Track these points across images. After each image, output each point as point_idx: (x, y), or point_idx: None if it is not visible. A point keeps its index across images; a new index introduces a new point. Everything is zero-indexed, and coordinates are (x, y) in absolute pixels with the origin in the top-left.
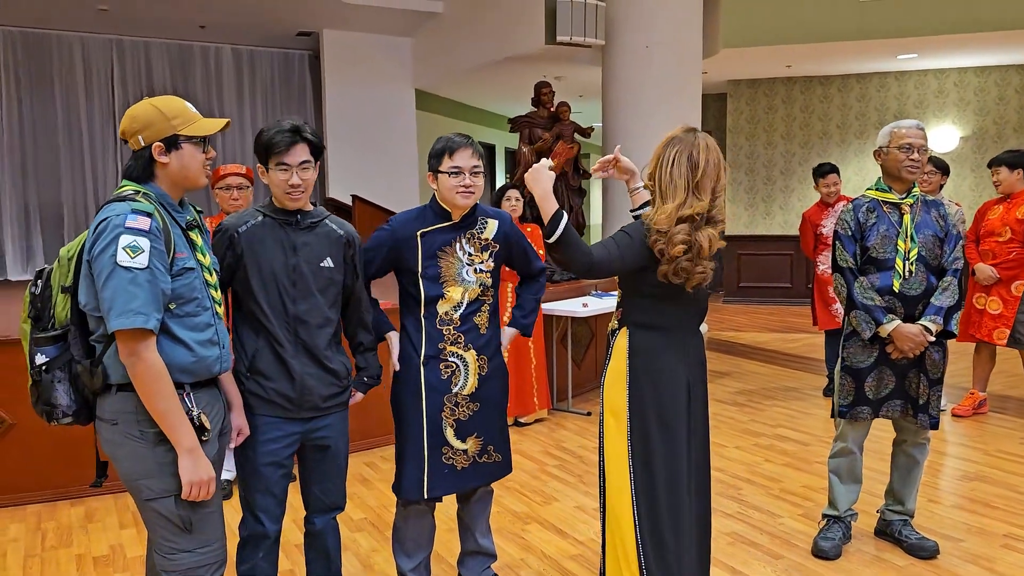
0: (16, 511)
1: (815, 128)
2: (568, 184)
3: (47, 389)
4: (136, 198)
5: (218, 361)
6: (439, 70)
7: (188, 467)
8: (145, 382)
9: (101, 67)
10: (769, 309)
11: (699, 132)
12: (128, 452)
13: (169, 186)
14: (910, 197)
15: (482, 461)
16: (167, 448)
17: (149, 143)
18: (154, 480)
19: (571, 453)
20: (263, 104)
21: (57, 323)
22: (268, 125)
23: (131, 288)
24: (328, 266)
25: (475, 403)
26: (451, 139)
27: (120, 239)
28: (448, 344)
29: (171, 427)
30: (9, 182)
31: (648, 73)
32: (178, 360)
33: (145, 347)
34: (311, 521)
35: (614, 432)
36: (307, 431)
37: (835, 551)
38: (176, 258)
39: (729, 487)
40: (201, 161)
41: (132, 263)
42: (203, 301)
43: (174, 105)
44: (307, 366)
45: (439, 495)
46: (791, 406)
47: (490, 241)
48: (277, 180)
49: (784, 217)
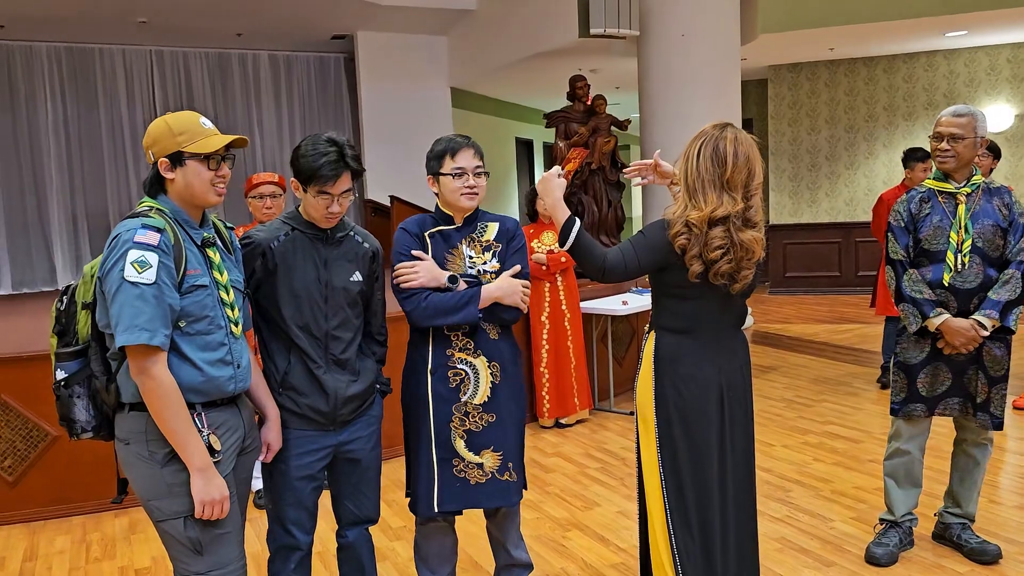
0: (63, 523)
1: (860, 111)
2: (606, 178)
3: (66, 404)
4: (149, 214)
5: (232, 381)
6: (474, 67)
7: (200, 486)
8: (155, 399)
9: (142, 78)
10: (817, 299)
11: (730, 126)
12: (140, 472)
13: (179, 202)
14: (968, 186)
15: (503, 479)
16: (176, 469)
17: (157, 159)
18: (164, 501)
19: (613, 455)
20: (300, 108)
21: (80, 339)
22: (307, 143)
23: (137, 303)
24: (357, 280)
25: (490, 414)
26: (452, 139)
27: (128, 254)
28: (457, 351)
29: (182, 446)
30: (57, 192)
31: (685, 62)
32: (186, 380)
33: (153, 363)
34: (343, 534)
35: (644, 438)
36: (340, 443)
37: (889, 558)
38: (187, 275)
39: (777, 489)
40: (207, 179)
41: (139, 278)
42: (216, 320)
43: (183, 120)
44: (339, 380)
45: (451, 510)
46: (842, 401)
47: (492, 242)
48: (316, 205)
49: (830, 204)
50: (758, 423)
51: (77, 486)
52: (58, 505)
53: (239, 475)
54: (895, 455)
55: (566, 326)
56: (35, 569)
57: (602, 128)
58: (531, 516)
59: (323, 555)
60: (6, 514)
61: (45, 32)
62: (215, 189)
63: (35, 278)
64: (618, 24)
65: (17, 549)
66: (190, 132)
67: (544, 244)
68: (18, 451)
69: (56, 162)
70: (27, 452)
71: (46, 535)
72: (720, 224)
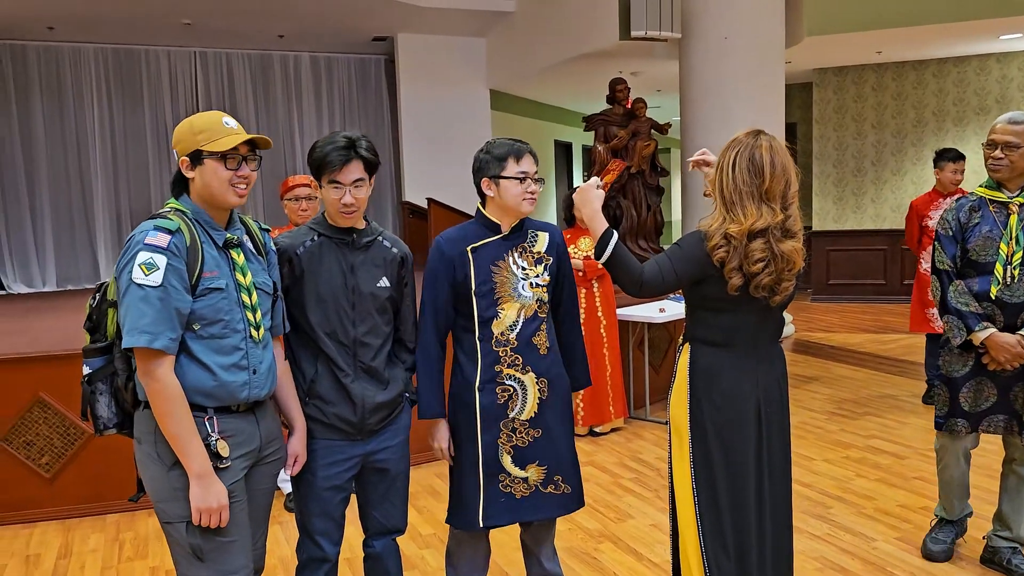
0: (97, 520)
1: (908, 116)
2: (646, 183)
3: (89, 400)
4: (167, 215)
5: (246, 387)
6: (513, 69)
7: (197, 493)
8: (157, 402)
9: (186, 79)
10: (861, 307)
11: (763, 134)
12: (150, 473)
13: (200, 202)
14: (1022, 195)
15: (547, 491)
16: (182, 472)
17: (180, 158)
18: (169, 504)
19: (648, 465)
20: (340, 110)
21: (108, 335)
22: (322, 139)
23: (141, 306)
24: (384, 286)
25: (536, 429)
26: (515, 143)
27: (138, 256)
28: (505, 367)
29: (181, 450)
30: (103, 191)
31: (728, 65)
32: (198, 383)
33: (157, 366)
34: (371, 544)
35: (678, 452)
36: (368, 453)
37: (945, 554)
38: (203, 277)
39: (817, 505)
40: (225, 178)
41: (145, 280)
42: (233, 323)
43: (205, 120)
44: (367, 389)
45: (495, 525)
46: (886, 415)
47: (543, 254)
48: (330, 198)
49: (876, 210)
50: (797, 435)
51: (112, 484)
52: (93, 503)
53: (258, 485)
54: (946, 470)
55: (602, 333)
56: (68, 567)
57: (642, 132)
58: (563, 527)
59: (351, 562)
60: (42, 511)
61: (93, 34)
62: (235, 190)
63: (79, 275)
64: (660, 26)
65: (52, 546)
66: (210, 131)
67: (580, 250)
68: (55, 449)
69: (101, 161)
70: (64, 450)
71: (80, 532)
72: (760, 236)
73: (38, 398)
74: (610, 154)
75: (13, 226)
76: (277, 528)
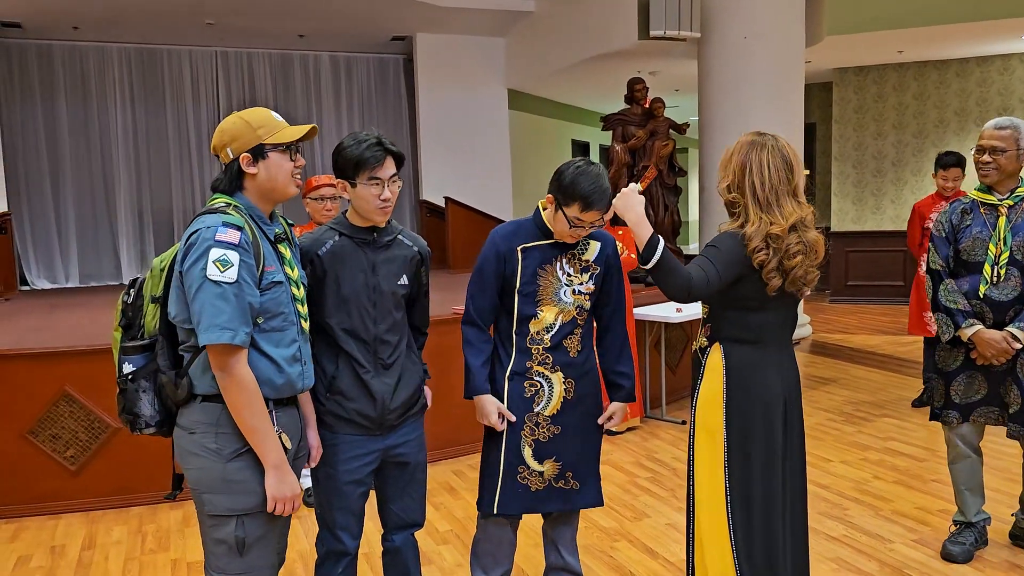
0: (121, 513)
1: (930, 116)
2: (663, 183)
3: (132, 399)
4: (227, 211)
5: (301, 378)
6: (532, 69)
7: (274, 483)
8: (236, 397)
9: (207, 78)
10: (880, 309)
11: (770, 134)
12: (199, 463)
13: (258, 198)
14: (1012, 198)
15: (558, 486)
16: (241, 466)
17: (237, 155)
18: (220, 497)
19: (664, 465)
20: (359, 109)
21: (146, 332)
22: (345, 139)
23: (219, 303)
24: (404, 283)
25: (556, 426)
26: (593, 194)
27: (210, 252)
28: (536, 364)
29: (260, 442)
30: (125, 189)
31: (747, 65)
32: (266, 376)
33: (235, 362)
34: (389, 539)
35: (708, 453)
36: (387, 447)
37: (965, 556)
38: (265, 271)
39: (834, 506)
40: (289, 170)
41: (221, 277)
42: (289, 316)
43: (259, 115)
44: (387, 385)
45: (508, 513)
46: (904, 417)
47: (591, 263)
48: (368, 195)
49: (896, 211)
50: (815, 437)
51: (136, 478)
52: (117, 495)
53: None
54: (956, 459)
55: None
56: (92, 558)
57: (660, 131)
58: (580, 524)
59: (369, 557)
60: (67, 503)
61: (116, 33)
62: (294, 180)
63: (102, 272)
64: (679, 26)
65: (76, 537)
66: (268, 125)
67: None
68: (80, 442)
69: (124, 160)
70: (89, 443)
71: (104, 524)
72: (793, 230)
73: (64, 392)
74: (628, 154)
75: (37, 223)
76: (296, 522)
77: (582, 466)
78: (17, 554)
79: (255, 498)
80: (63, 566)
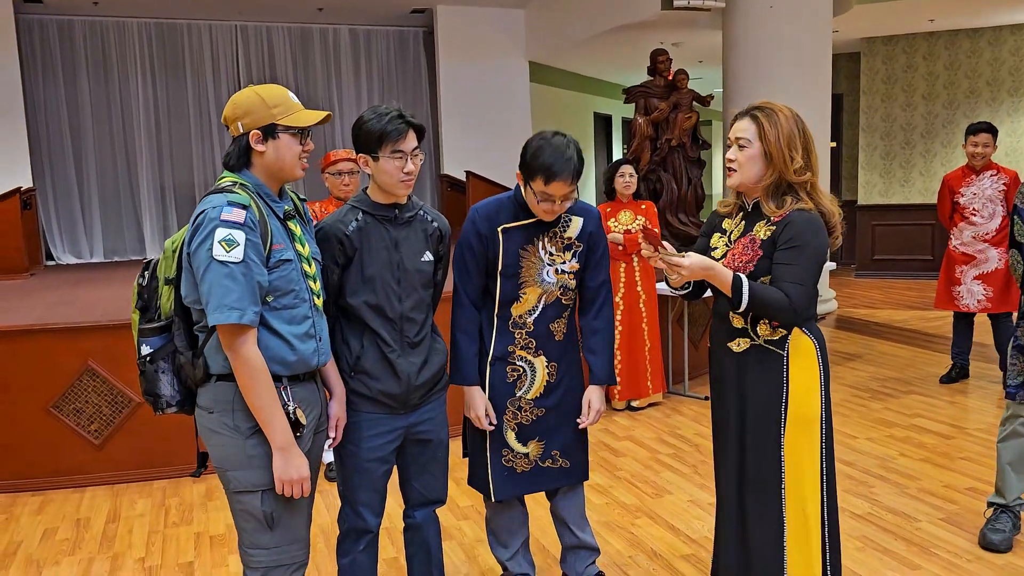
0: (144, 486)
1: (961, 86)
2: (686, 156)
3: (151, 379)
4: (233, 189)
5: (316, 354)
6: (553, 41)
7: (280, 465)
8: (243, 376)
9: (227, 52)
10: (906, 283)
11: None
12: (221, 441)
13: (265, 176)
14: None
15: (545, 465)
16: (259, 442)
17: (247, 130)
18: (242, 472)
19: (686, 441)
20: (379, 83)
21: (162, 314)
22: (365, 113)
23: (226, 282)
24: (428, 260)
25: (540, 408)
26: (554, 162)
27: (216, 232)
28: (518, 348)
29: (266, 422)
30: (147, 164)
31: (773, 35)
32: (277, 353)
33: (243, 342)
34: (411, 515)
35: (805, 445)
36: (410, 425)
37: (1006, 544)
38: (273, 249)
39: (859, 484)
40: (297, 153)
41: (227, 257)
42: (301, 293)
43: (276, 93)
44: (413, 365)
45: (502, 498)
46: (931, 393)
47: (573, 240)
48: (391, 168)
49: (924, 184)
50: (840, 413)
51: (159, 452)
52: (140, 469)
53: (311, 453)
54: (1009, 437)
55: (641, 308)
56: (117, 530)
57: (683, 104)
58: (600, 501)
59: (390, 531)
60: (92, 476)
61: (136, 8)
62: (302, 163)
63: (125, 247)
64: None
65: (101, 510)
66: (284, 105)
67: (621, 224)
68: (104, 416)
69: (146, 134)
70: (112, 417)
71: (128, 497)
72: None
73: (87, 367)
74: (651, 127)
75: (61, 198)
76: (318, 497)
77: (571, 445)
78: (44, 526)
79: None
80: (88, 539)
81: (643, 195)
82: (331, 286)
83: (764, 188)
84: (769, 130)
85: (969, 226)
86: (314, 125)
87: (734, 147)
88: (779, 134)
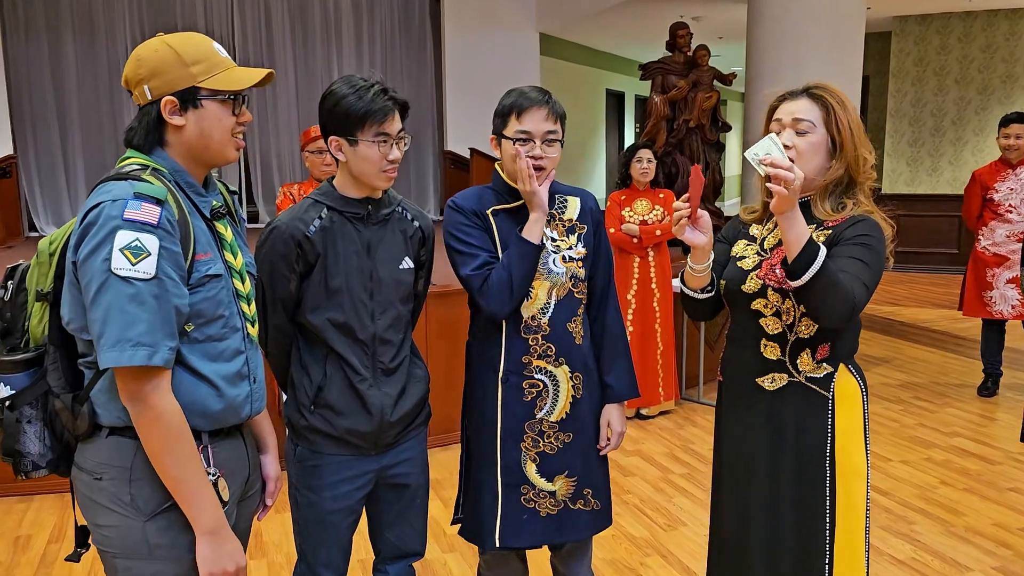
0: None
1: (997, 70)
2: (705, 137)
3: (12, 432)
4: (143, 176)
5: (248, 401)
6: (565, 12)
7: (208, 555)
8: (154, 437)
9: (222, 21)
10: (931, 278)
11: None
12: (111, 520)
13: (186, 158)
14: None
15: (576, 508)
16: (165, 526)
17: (158, 97)
18: (141, 564)
19: (701, 458)
20: (382, 54)
21: (31, 341)
22: (337, 86)
23: (130, 308)
24: (407, 267)
25: (566, 433)
26: (523, 94)
27: (117, 236)
28: (535, 357)
29: (188, 499)
30: None
31: (801, 10)
32: (198, 403)
33: (153, 389)
34: (383, 570)
35: (855, 496)
36: (383, 467)
37: None
38: (197, 261)
39: (898, 519)
40: (229, 127)
41: (133, 272)
42: (231, 320)
43: (196, 47)
44: (388, 396)
45: (515, 547)
46: (969, 407)
47: (575, 222)
48: (372, 155)
49: (954, 173)
50: (872, 429)
51: None
52: None
53: (238, 527)
54: None
55: (655, 307)
56: (59, 552)
57: (703, 82)
58: (605, 534)
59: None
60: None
61: None
62: (235, 141)
63: None
64: None
65: (45, 526)
66: (209, 61)
67: (636, 213)
68: None
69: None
70: None
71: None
72: None
73: None
74: (668, 106)
75: (45, 167)
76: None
77: (601, 479)
78: None
79: (189, 566)
80: (24, 563)
81: (661, 183)
82: (286, 300)
83: (823, 186)
84: (841, 115)
85: (1003, 224)
86: (249, 88)
87: (787, 132)
88: (850, 121)
